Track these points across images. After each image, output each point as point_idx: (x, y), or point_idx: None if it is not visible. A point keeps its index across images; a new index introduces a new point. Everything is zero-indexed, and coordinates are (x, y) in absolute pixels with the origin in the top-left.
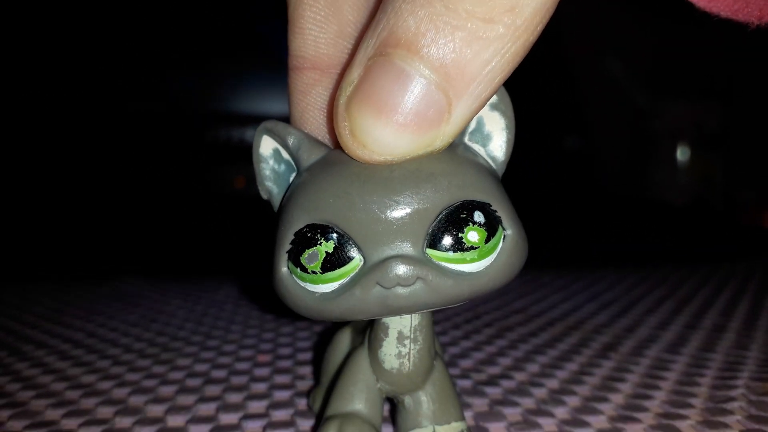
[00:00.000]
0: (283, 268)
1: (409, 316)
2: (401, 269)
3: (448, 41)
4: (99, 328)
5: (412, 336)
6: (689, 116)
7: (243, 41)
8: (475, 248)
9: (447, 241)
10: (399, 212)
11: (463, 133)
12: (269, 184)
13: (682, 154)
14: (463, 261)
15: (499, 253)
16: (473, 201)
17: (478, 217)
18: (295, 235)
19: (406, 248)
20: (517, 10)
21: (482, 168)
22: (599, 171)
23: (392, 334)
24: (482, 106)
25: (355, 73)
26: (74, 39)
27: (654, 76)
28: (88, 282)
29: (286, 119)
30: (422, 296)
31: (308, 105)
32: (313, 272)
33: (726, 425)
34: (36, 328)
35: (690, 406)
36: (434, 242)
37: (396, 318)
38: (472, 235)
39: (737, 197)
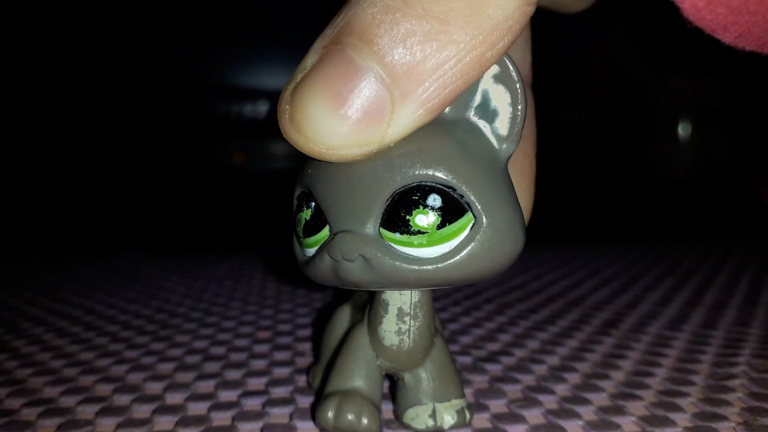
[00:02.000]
0: (294, 231)
1: (408, 292)
2: (343, 244)
3: (400, 37)
4: (97, 305)
5: (412, 313)
6: (691, 91)
7: (242, 13)
8: (423, 233)
9: (395, 222)
10: (356, 189)
11: (467, 107)
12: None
13: (683, 129)
14: (410, 244)
15: (462, 241)
16: (429, 184)
17: (433, 200)
18: (296, 199)
19: (362, 225)
20: (477, 18)
21: (463, 148)
22: (600, 146)
23: (392, 310)
24: (430, 115)
25: (309, 60)
26: (71, 9)
27: (656, 50)
28: (86, 258)
29: None
30: (365, 273)
31: None
32: (299, 235)
33: (727, 402)
34: (34, 304)
35: (691, 383)
36: (386, 222)
37: (396, 294)
38: (420, 219)
39: (738, 173)
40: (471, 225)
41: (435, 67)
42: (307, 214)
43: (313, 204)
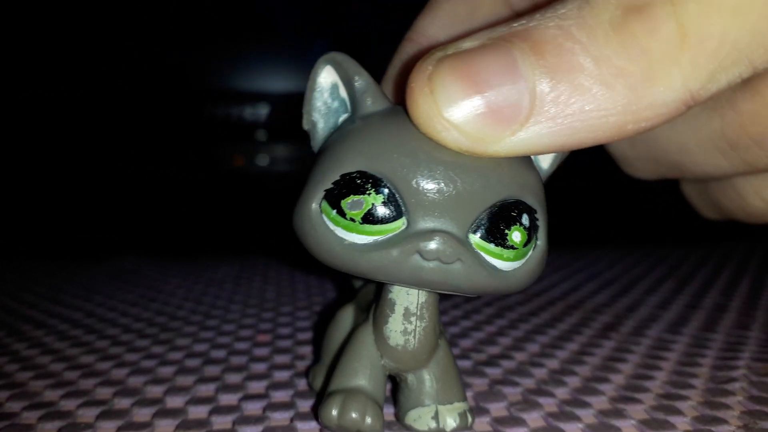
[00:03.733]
0: (314, 204)
1: (416, 292)
2: (446, 245)
3: (568, 66)
4: (98, 308)
5: (418, 313)
6: None
7: (242, 17)
8: (514, 248)
9: (493, 232)
10: (459, 189)
11: None
12: (316, 116)
13: None
14: (500, 257)
15: (527, 260)
16: (526, 203)
17: (525, 220)
18: (341, 176)
19: (454, 227)
20: (642, 90)
21: (539, 175)
22: (598, 148)
23: (398, 310)
24: (547, 148)
25: (467, 43)
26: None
27: None
28: (86, 260)
29: (286, 97)
30: (456, 277)
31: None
32: (352, 219)
33: (727, 406)
34: (34, 307)
35: (691, 386)
36: (479, 230)
37: (403, 294)
38: (516, 235)
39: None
40: (534, 246)
41: (580, 109)
42: (377, 199)
43: (386, 190)
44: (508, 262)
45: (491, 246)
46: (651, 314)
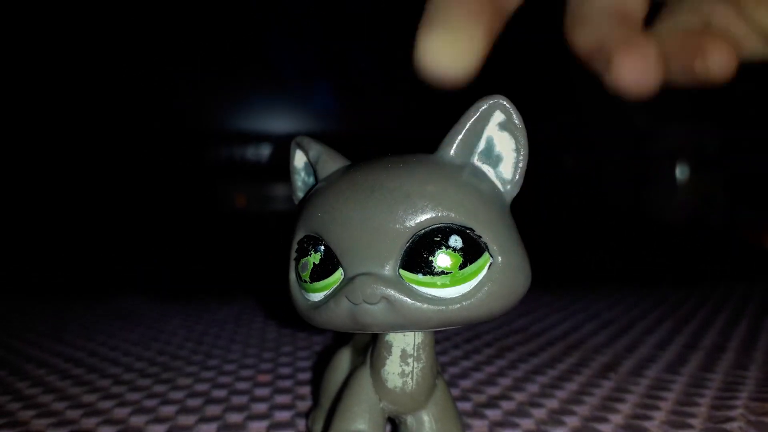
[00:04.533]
0: (292, 274)
1: (412, 333)
2: (366, 287)
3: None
4: (100, 347)
5: (415, 354)
6: (688, 137)
7: (245, 59)
8: (447, 273)
9: (417, 263)
10: (373, 231)
11: (470, 153)
12: (300, 194)
13: (681, 173)
14: (433, 285)
15: (481, 280)
16: (450, 225)
17: (454, 241)
18: (297, 244)
19: (381, 267)
20: None
21: (477, 191)
22: (598, 190)
23: (395, 352)
24: None
25: None
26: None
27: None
28: (89, 299)
29: (288, 137)
30: (387, 315)
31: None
32: (305, 280)
33: None
34: (37, 346)
35: (689, 426)
36: (407, 263)
37: (399, 336)
38: (443, 260)
39: (737, 217)
40: (489, 264)
41: None
42: (315, 257)
43: (323, 247)
44: (447, 288)
45: (420, 277)
46: (650, 354)
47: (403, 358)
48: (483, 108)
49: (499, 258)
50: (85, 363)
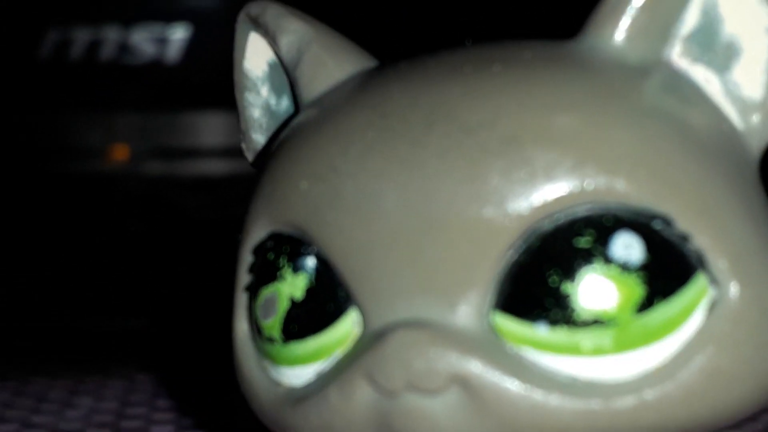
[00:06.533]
0: (240, 324)
1: None
2: (414, 354)
3: None
4: None
5: None
6: None
7: None
8: (604, 322)
9: (534, 299)
10: (429, 224)
11: (662, 39)
12: (258, 138)
13: None
14: (573, 351)
15: (691, 338)
16: (615, 211)
17: (625, 248)
18: (253, 253)
19: (449, 309)
20: None
21: (680, 131)
22: None
23: None
24: None
25: None
26: None
27: None
28: None
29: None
30: (462, 420)
31: None
32: (270, 339)
33: None
34: None
35: None
36: (509, 301)
37: None
38: (599, 290)
39: None
40: (709, 301)
41: None
42: (295, 285)
43: (314, 261)
44: (608, 356)
45: (540, 330)
46: None
47: None
48: None
49: (736, 287)
50: None
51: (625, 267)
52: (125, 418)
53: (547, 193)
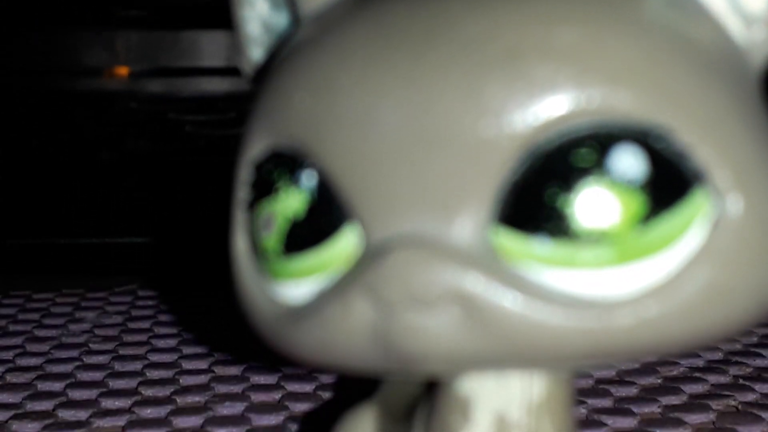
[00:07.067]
0: (238, 241)
1: (519, 380)
2: (415, 269)
3: None
4: None
5: (527, 422)
6: None
7: None
8: (607, 235)
9: (534, 213)
10: (430, 139)
11: None
12: (254, 51)
13: None
14: (572, 263)
15: (692, 253)
16: (616, 125)
17: (627, 161)
18: (253, 169)
19: (448, 223)
20: None
21: (680, 43)
22: None
23: (482, 420)
24: None
25: None
26: None
27: None
28: None
29: None
30: (464, 337)
31: None
32: (269, 253)
33: None
34: None
35: None
36: (510, 215)
37: (490, 386)
38: (600, 205)
39: None
40: (711, 216)
41: None
42: (295, 201)
43: (313, 178)
44: (605, 269)
45: (540, 243)
46: None
47: None
48: None
49: (738, 199)
50: None
51: (625, 179)
52: (128, 332)
53: (547, 105)
